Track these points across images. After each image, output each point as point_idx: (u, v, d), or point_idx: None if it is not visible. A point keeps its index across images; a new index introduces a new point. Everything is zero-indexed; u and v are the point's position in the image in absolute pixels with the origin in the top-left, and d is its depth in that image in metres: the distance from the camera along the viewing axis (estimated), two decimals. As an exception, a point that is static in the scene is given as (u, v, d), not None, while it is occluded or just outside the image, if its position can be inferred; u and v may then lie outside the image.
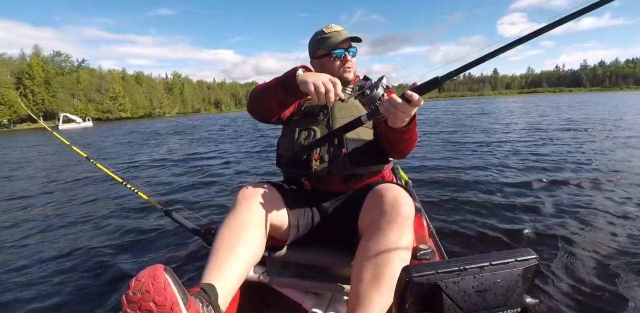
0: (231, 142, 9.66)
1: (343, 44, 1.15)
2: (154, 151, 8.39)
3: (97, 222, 2.94)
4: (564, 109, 14.24)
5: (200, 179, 4.57)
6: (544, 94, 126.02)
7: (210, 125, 19.31)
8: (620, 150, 4.43)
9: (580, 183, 3.02)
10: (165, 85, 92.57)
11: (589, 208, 2.41)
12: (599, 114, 11.84)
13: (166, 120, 39.07)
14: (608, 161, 3.80)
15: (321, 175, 1.07)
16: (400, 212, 0.82)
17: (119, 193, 3.86)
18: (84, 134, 18.42)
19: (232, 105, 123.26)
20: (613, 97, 37.45)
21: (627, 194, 2.66)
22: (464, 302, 0.56)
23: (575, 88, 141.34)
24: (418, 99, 0.76)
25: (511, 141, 6.01)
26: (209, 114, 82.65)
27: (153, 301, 0.53)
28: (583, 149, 4.68)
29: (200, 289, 0.68)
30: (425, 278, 0.57)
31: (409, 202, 0.85)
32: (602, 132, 6.45)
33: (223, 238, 0.84)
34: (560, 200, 2.61)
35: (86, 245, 2.38)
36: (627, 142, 5.14)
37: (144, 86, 79.24)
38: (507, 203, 2.62)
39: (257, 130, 13.48)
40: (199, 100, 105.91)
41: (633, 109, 14.06)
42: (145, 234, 2.52)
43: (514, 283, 0.53)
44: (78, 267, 2.07)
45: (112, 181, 4.38)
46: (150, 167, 6.07)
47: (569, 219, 2.24)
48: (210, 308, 0.65)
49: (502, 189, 2.98)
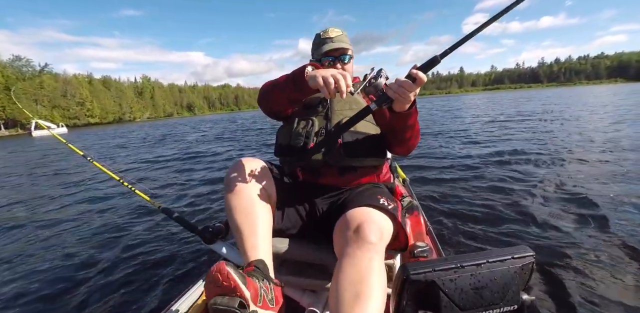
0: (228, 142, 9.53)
1: (334, 52, 1.16)
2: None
3: (95, 221, 2.90)
4: (551, 107, 13.74)
5: (198, 178, 4.52)
6: (505, 90, 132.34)
7: (184, 133, 15.81)
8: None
9: (578, 180, 3.00)
10: (135, 89, 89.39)
11: (587, 204, 2.39)
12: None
13: (136, 125, 37.67)
14: (612, 161, 3.71)
15: (316, 165, 1.07)
16: (365, 239, 0.77)
17: (116, 192, 3.82)
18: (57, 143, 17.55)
19: (206, 108, 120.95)
20: (572, 91, 40.05)
21: (628, 189, 2.67)
22: (461, 299, 0.56)
23: (534, 84, 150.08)
24: (422, 76, 0.80)
25: (503, 138, 6.05)
26: (182, 117, 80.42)
27: (222, 286, 0.71)
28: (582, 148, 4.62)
29: (255, 267, 0.82)
30: (422, 275, 0.57)
31: (375, 228, 0.80)
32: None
33: (240, 221, 0.91)
34: (559, 197, 2.60)
35: (85, 244, 2.37)
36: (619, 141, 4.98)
37: (112, 90, 76.04)
38: (505, 200, 2.61)
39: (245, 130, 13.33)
40: (171, 104, 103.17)
41: (593, 101, 15.28)
42: (143, 233, 2.50)
43: (510, 280, 0.53)
44: (75, 266, 2.05)
45: (109, 181, 4.44)
46: (147, 166, 5.97)
47: (566, 216, 2.22)
48: (265, 281, 0.80)
49: (501, 187, 2.96)
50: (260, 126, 15.75)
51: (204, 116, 74.82)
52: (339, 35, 1.18)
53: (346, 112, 1.09)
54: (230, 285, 0.71)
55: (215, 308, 0.70)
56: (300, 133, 1.07)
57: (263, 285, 0.78)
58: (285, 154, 1.12)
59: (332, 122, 1.08)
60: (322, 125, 1.08)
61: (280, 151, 1.13)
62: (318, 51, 1.17)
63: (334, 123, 1.07)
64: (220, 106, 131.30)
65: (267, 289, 0.78)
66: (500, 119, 9.85)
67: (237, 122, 23.64)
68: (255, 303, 0.74)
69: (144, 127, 27.91)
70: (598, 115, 9.07)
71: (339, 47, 1.14)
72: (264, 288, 0.78)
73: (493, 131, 7.19)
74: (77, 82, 66.33)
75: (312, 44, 1.24)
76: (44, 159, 8.72)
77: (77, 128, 48.52)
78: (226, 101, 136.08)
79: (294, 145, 1.07)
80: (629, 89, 34.71)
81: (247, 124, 18.69)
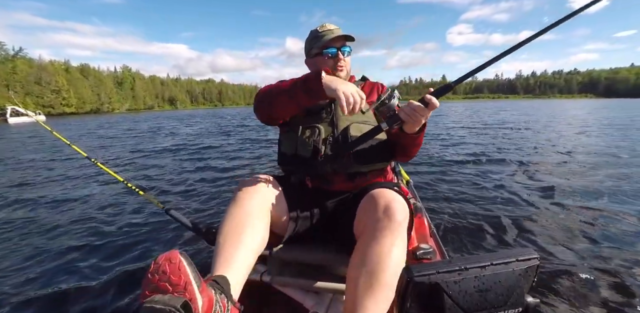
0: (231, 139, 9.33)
1: (336, 43, 1.14)
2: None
3: (98, 220, 2.89)
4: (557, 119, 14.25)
5: (202, 177, 4.47)
6: (484, 99, 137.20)
7: (174, 128, 14.52)
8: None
9: (585, 184, 3.03)
10: (115, 79, 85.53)
11: (593, 208, 2.40)
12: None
13: (118, 117, 36.22)
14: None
15: (325, 173, 1.06)
16: (393, 217, 0.81)
17: (119, 192, 3.79)
18: (39, 130, 16.22)
19: (188, 102, 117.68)
20: (548, 104, 41.71)
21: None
22: (465, 301, 0.56)
23: (511, 95, 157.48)
24: (435, 102, 0.83)
25: (509, 141, 6.26)
26: (163, 110, 77.85)
27: (169, 281, 0.56)
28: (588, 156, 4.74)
29: (212, 280, 0.70)
30: (426, 278, 0.57)
31: (402, 207, 0.83)
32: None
33: (227, 229, 0.84)
34: (565, 202, 2.60)
35: (87, 243, 2.34)
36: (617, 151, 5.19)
37: (90, 79, 72.54)
38: (510, 202, 2.62)
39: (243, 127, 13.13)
40: (152, 97, 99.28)
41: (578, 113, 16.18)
42: (146, 233, 2.48)
43: (515, 283, 0.53)
44: (75, 266, 2.02)
45: (112, 180, 4.27)
46: (150, 164, 5.83)
47: (572, 219, 2.22)
48: (224, 296, 0.67)
49: (505, 188, 2.97)
50: (255, 123, 15.55)
51: (186, 110, 72.59)
52: (337, 28, 1.18)
53: (352, 117, 1.08)
54: (180, 280, 0.56)
55: (148, 307, 0.53)
56: (307, 142, 1.05)
57: (220, 300, 0.65)
58: (292, 164, 1.09)
59: (339, 129, 1.06)
60: (329, 132, 1.06)
61: (285, 160, 1.11)
62: (318, 44, 1.14)
63: (340, 130, 1.06)
64: (203, 101, 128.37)
65: (223, 307, 0.65)
66: (501, 126, 10.26)
67: (226, 117, 23.31)
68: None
69: (126, 120, 26.70)
70: (590, 128, 9.54)
71: (341, 35, 1.12)
72: (220, 304, 0.64)
73: (494, 137, 7.40)
74: (54, 69, 62.77)
75: (307, 40, 1.21)
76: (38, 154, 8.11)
77: (53, 117, 45.84)
78: (209, 96, 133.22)
79: (301, 154, 1.05)
80: (599, 104, 36.92)
81: (238, 120, 18.43)
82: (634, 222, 2.19)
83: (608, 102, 54.75)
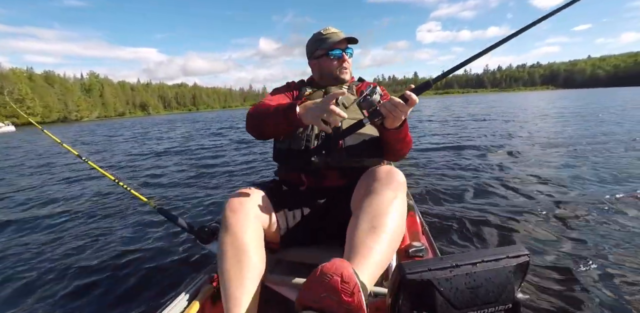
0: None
1: (340, 45, 1.20)
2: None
3: (89, 220, 2.87)
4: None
5: (193, 176, 4.47)
6: (454, 94, 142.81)
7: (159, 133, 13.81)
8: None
9: (576, 180, 3.03)
10: (82, 86, 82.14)
11: (583, 203, 2.41)
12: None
13: (88, 125, 34.64)
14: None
15: (318, 168, 1.09)
16: (394, 177, 0.88)
17: (111, 191, 3.77)
18: (8, 142, 15.39)
19: (161, 107, 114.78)
20: (513, 96, 43.64)
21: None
22: (456, 298, 0.57)
23: (479, 89, 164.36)
24: (415, 98, 0.87)
25: (499, 138, 6.26)
26: (135, 117, 75.60)
27: (339, 300, 0.59)
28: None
29: None
30: (418, 275, 0.57)
31: (401, 174, 0.91)
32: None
33: (228, 266, 0.84)
34: (554, 197, 2.60)
35: (77, 244, 2.33)
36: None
37: (56, 87, 69.07)
38: (501, 200, 2.63)
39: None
40: (122, 103, 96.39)
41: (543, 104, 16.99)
42: (138, 232, 2.46)
43: (505, 279, 0.54)
44: (65, 266, 1.99)
45: (104, 180, 4.21)
46: (142, 165, 5.85)
47: (561, 215, 2.23)
48: None
49: (496, 187, 2.98)
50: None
51: (160, 116, 70.93)
52: (340, 31, 1.24)
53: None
54: (353, 301, 0.58)
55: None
56: (301, 137, 1.09)
57: None
58: (285, 158, 1.13)
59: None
60: (328, 134, 1.09)
61: (280, 155, 1.14)
62: (323, 46, 1.20)
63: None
64: (177, 106, 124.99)
65: None
66: (486, 119, 10.52)
67: (200, 121, 22.91)
68: None
69: (100, 127, 25.63)
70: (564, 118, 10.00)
71: (345, 37, 1.19)
72: None
73: (482, 132, 7.35)
74: (15, 77, 59.30)
75: (311, 42, 1.26)
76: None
77: (23, 127, 43.16)
78: (183, 101, 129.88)
79: (294, 148, 1.08)
80: (559, 95, 39.03)
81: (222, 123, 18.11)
82: (623, 213, 2.21)
83: (567, 92, 58.33)
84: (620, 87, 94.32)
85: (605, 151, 4.39)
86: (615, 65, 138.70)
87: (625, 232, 1.94)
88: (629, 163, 3.62)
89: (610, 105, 14.47)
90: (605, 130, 6.50)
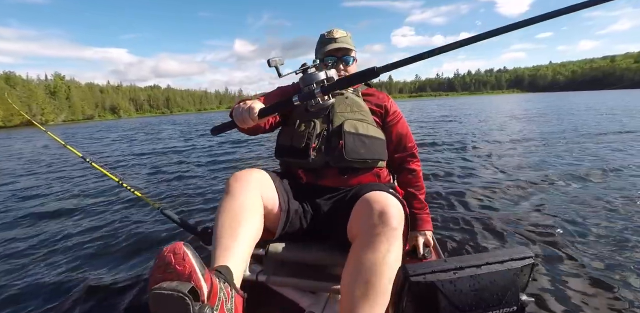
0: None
1: (335, 52, 1.19)
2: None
3: (93, 220, 2.89)
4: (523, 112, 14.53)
5: (196, 177, 4.48)
6: (428, 97, 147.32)
7: None
8: None
9: (580, 179, 3.04)
10: (47, 89, 77.30)
11: (587, 205, 2.39)
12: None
13: (55, 128, 32.63)
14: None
15: (317, 166, 1.09)
16: (388, 223, 0.81)
17: (115, 192, 3.79)
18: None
19: (133, 110, 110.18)
20: (483, 99, 45.67)
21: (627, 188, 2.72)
22: (460, 301, 0.57)
23: (450, 92, 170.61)
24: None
25: (504, 139, 6.33)
26: (105, 120, 72.32)
27: (174, 271, 0.58)
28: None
29: (216, 270, 0.71)
30: (422, 277, 0.57)
31: (398, 212, 0.84)
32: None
33: (223, 222, 0.85)
34: (558, 198, 2.59)
35: (81, 244, 2.35)
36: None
37: (18, 89, 64.48)
38: (505, 201, 2.61)
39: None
40: (91, 106, 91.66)
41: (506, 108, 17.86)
42: (141, 233, 2.47)
43: (510, 282, 0.54)
44: (69, 267, 2.01)
45: (108, 181, 4.17)
46: (145, 165, 5.88)
47: (567, 217, 2.21)
48: (227, 285, 0.69)
49: (500, 187, 2.97)
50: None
51: (132, 119, 68.47)
52: (343, 36, 1.21)
53: (347, 114, 1.13)
54: (185, 270, 0.58)
55: (157, 293, 0.54)
56: (302, 134, 1.10)
57: (224, 288, 0.66)
58: (286, 155, 1.14)
59: (334, 124, 1.11)
60: (324, 127, 1.10)
61: (281, 152, 1.16)
62: (321, 51, 1.20)
63: (335, 125, 1.10)
64: (150, 108, 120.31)
65: (227, 295, 0.67)
66: (486, 122, 10.63)
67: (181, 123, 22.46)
68: (212, 304, 0.60)
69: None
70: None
71: (342, 47, 1.17)
72: (225, 292, 0.66)
73: (485, 133, 7.46)
74: (-27, 79, 54.71)
75: (317, 43, 1.28)
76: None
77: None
78: (156, 103, 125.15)
79: (295, 146, 1.08)
80: (523, 98, 41.35)
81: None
82: (631, 214, 2.21)
83: (532, 96, 61.47)
84: (577, 91, 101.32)
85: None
86: (573, 71, 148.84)
87: (633, 232, 1.92)
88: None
89: (570, 108, 15.59)
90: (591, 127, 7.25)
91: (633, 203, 2.42)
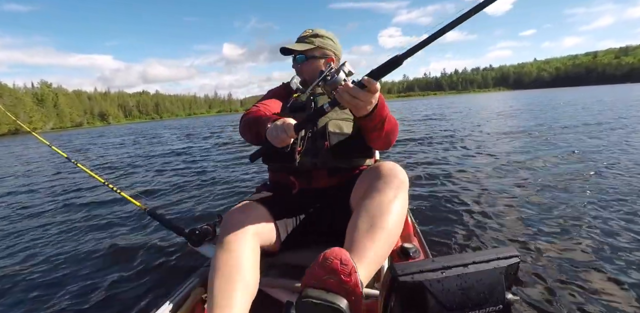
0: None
1: (285, 51, 1.21)
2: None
3: (79, 222, 2.84)
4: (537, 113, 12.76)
5: (184, 179, 4.43)
6: (416, 97, 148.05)
7: None
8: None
9: (566, 180, 3.00)
10: (34, 96, 76.04)
11: (574, 205, 2.38)
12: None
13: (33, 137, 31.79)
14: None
15: (306, 169, 1.08)
16: (397, 176, 0.87)
17: (99, 193, 3.74)
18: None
19: (122, 116, 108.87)
20: (470, 98, 46.10)
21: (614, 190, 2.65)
22: (448, 300, 0.57)
23: (438, 91, 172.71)
24: (373, 84, 0.70)
25: (486, 140, 6.17)
26: (94, 127, 71.12)
27: (337, 277, 0.65)
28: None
29: None
30: (410, 277, 0.58)
31: (404, 172, 0.91)
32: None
33: (219, 283, 0.78)
34: (544, 198, 2.58)
35: (67, 247, 2.32)
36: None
37: (5, 97, 63.20)
38: (492, 201, 2.61)
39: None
40: (80, 113, 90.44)
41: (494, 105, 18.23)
42: (128, 235, 2.43)
43: (496, 280, 0.55)
44: (56, 269, 2.00)
45: (94, 182, 4.16)
46: (132, 167, 5.81)
47: (552, 217, 2.21)
48: None
49: (487, 187, 2.96)
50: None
51: (121, 125, 67.48)
52: (304, 35, 1.21)
53: (331, 114, 1.10)
54: (350, 281, 0.64)
55: (311, 302, 0.61)
56: None
57: None
58: (273, 160, 1.13)
59: (318, 125, 1.09)
60: (308, 128, 1.08)
61: (268, 157, 1.15)
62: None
63: (319, 126, 1.08)
64: (139, 114, 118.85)
65: None
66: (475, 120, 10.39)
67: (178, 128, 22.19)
68: None
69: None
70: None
71: (289, 47, 1.18)
72: None
73: (477, 133, 7.26)
74: (-41, 88, 53.35)
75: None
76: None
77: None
78: (145, 109, 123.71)
79: (280, 150, 1.04)
80: (509, 96, 41.58)
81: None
82: (615, 212, 2.21)
83: (517, 93, 62.62)
84: (561, 87, 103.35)
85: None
86: (557, 68, 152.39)
87: (621, 231, 1.93)
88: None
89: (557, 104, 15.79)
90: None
91: (625, 204, 2.39)
